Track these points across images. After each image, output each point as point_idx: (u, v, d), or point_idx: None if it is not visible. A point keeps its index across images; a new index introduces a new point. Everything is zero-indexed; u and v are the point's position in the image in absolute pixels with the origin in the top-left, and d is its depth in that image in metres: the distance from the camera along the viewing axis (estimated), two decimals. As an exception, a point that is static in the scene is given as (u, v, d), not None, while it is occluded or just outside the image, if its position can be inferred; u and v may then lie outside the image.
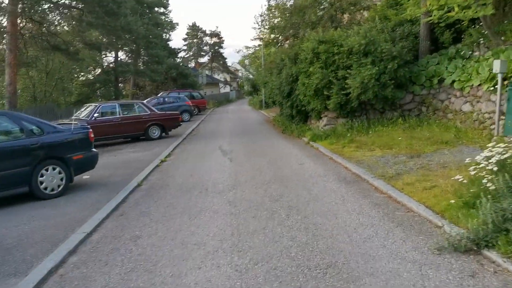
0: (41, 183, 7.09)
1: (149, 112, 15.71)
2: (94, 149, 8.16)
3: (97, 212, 6.21)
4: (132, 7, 25.49)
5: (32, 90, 21.17)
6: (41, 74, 21.44)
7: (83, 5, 16.53)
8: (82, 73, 26.80)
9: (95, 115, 14.45)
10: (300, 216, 5.43)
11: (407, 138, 9.81)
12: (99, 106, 14.98)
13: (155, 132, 15.68)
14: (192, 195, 7.02)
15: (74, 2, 16.64)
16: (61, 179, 7.37)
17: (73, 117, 9.00)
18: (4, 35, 15.68)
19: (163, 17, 40.29)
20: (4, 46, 16.30)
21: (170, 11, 41.84)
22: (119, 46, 26.04)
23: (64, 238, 5.19)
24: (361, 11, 17.49)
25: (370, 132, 11.25)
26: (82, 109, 15.63)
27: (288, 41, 22.16)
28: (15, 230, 5.61)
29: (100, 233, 5.44)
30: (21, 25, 17.01)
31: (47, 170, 7.16)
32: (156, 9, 37.58)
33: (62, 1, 16.77)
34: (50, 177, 7.20)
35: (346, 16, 18.02)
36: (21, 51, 18.04)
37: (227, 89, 73.67)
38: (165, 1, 39.25)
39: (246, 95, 63.21)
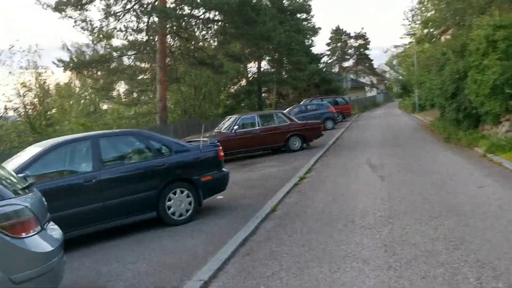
0: (169, 207, 6.46)
1: (289, 122, 14.78)
2: (224, 169, 7.31)
3: (221, 248, 5.22)
4: (273, 15, 25.23)
5: (182, 104, 22.35)
6: (191, 88, 22.50)
7: (223, 16, 16.57)
8: (228, 86, 27.69)
9: (235, 127, 14.13)
10: (502, 285, 3.50)
11: None
12: (239, 118, 14.66)
13: (296, 143, 14.63)
14: (334, 230, 5.54)
15: (215, 15, 16.80)
16: (189, 203, 6.64)
17: (201, 135, 8.30)
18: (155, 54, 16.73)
19: (305, 22, 39.64)
20: (155, 65, 17.31)
21: (312, 16, 40.71)
22: (260, 55, 26.08)
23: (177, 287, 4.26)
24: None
25: None
26: (224, 121, 15.57)
27: (447, 33, 19.00)
28: (131, 268, 4.93)
29: (220, 281, 4.38)
30: (169, 42, 18.00)
31: (174, 193, 6.50)
32: (298, 15, 37.13)
33: (207, 16, 17.11)
34: (178, 201, 6.52)
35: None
36: (171, 68, 19.06)
37: (374, 92, 69.93)
38: (307, 7, 38.58)
39: (395, 98, 59.14)
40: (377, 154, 11.99)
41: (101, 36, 17.03)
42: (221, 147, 7.28)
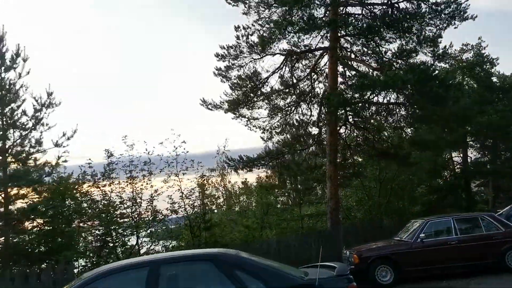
0: None
1: (504, 230, 10.59)
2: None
3: None
4: (477, 93, 21.19)
5: (367, 202, 19.42)
6: (376, 184, 19.55)
7: (399, 96, 13.98)
8: (424, 180, 23.50)
9: (421, 235, 10.85)
10: None
11: None
12: (427, 222, 11.28)
13: (518, 261, 10.17)
14: None
15: (397, 98, 14.40)
16: None
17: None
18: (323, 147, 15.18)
19: (525, 101, 32.59)
20: (324, 159, 15.62)
21: (534, 91, 33.50)
22: (460, 141, 21.63)
23: None
24: None
25: None
26: (407, 227, 12.20)
27: None
28: None
29: None
30: (345, 133, 16.21)
31: None
32: (513, 93, 30.85)
33: (380, 99, 14.94)
34: None
35: None
36: (348, 162, 16.95)
37: None
38: (523, 81, 31.93)
39: None
40: None
41: (271, 132, 16.60)
42: (354, 283, 4.48)
